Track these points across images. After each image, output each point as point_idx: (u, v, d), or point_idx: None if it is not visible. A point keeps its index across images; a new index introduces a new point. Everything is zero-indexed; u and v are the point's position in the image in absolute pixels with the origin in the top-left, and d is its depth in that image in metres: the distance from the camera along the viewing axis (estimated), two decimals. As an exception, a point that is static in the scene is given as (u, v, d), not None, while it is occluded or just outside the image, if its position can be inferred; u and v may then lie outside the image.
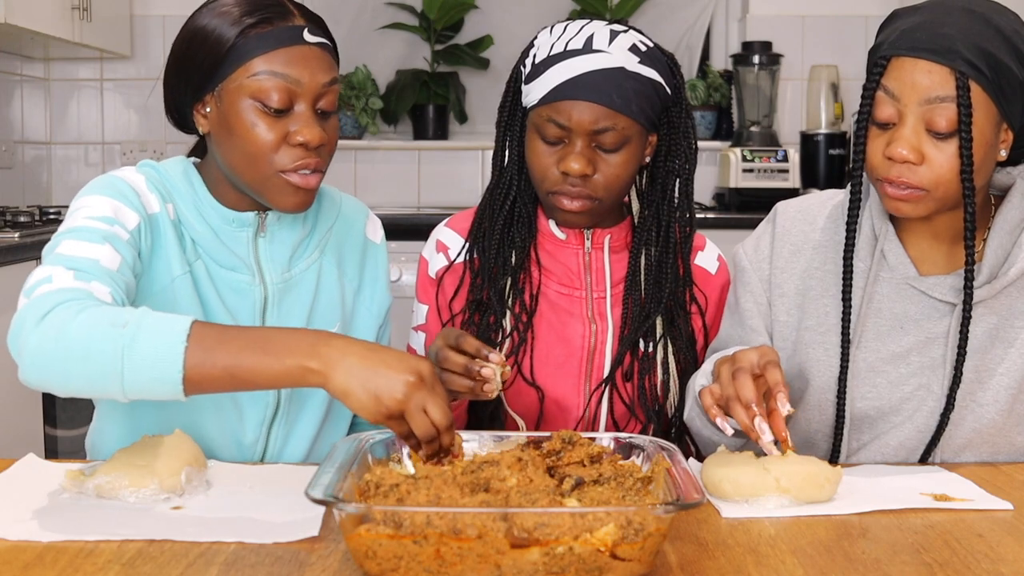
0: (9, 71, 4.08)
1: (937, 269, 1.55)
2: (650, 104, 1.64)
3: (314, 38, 1.49)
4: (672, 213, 1.72)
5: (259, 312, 1.57)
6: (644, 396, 1.69)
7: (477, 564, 1.04)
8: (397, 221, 3.65)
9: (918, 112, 1.42)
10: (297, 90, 1.46)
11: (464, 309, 1.73)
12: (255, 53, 1.46)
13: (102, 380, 1.23)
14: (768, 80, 4.14)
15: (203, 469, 1.39)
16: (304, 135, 1.46)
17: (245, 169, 1.49)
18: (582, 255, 1.73)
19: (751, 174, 3.94)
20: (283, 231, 1.59)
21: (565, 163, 1.62)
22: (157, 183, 1.54)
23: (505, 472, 1.18)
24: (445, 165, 4.34)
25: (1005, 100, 1.42)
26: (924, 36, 1.41)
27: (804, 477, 1.33)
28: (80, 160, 4.39)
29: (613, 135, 1.61)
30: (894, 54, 1.43)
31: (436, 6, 4.23)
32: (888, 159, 1.44)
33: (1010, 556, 1.18)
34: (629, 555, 1.05)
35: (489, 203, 1.75)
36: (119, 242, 1.42)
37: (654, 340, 1.70)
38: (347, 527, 1.07)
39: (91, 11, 3.74)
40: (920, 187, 1.43)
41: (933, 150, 1.42)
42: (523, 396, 1.69)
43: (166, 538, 1.18)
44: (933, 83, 1.40)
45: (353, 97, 4.23)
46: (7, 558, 1.13)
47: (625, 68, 1.61)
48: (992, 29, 1.41)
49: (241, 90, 1.46)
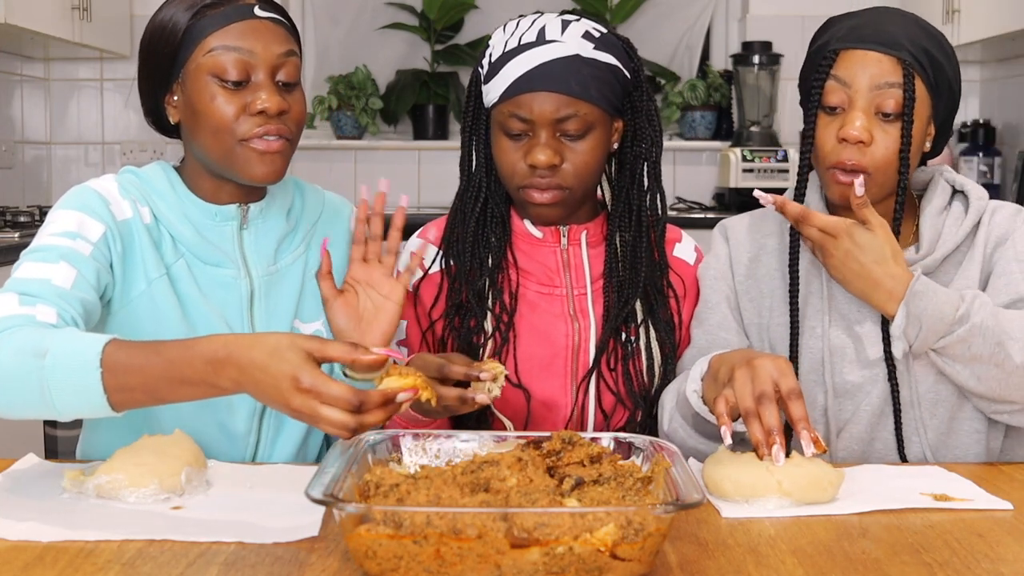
0: (9, 71, 4.08)
1: None
2: (610, 89, 1.65)
3: (265, 13, 1.54)
4: (643, 197, 1.72)
5: (246, 306, 1.59)
6: (630, 382, 1.69)
7: (477, 564, 1.04)
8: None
9: (868, 97, 1.56)
10: (252, 61, 1.50)
11: (444, 314, 1.72)
12: (208, 31, 1.51)
13: (36, 409, 1.28)
14: (768, 80, 4.14)
15: (203, 469, 1.39)
16: (261, 102, 1.50)
17: (212, 146, 1.52)
18: (559, 252, 1.73)
19: (751, 174, 3.94)
20: (267, 223, 1.61)
21: (532, 156, 1.63)
22: (134, 187, 1.57)
23: (505, 472, 1.18)
24: (445, 165, 4.34)
25: (937, 95, 1.59)
26: (871, 32, 1.58)
27: (807, 479, 1.33)
28: (80, 160, 4.39)
29: (576, 122, 1.62)
30: (843, 47, 1.58)
31: (436, 6, 4.24)
32: (841, 141, 1.57)
33: (1010, 556, 1.18)
34: (629, 555, 1.05)
35: (460, 208, 1.75)
36: (78, 257, 1.45)
37: (635, 324, 1.70)
38: (347, 527, 1.07)
39: (91, 11, 3.75)
40: (866, 170, 1.56)
41: (880, 132, 1.56)
42: (509, 398, 1.68)
43: (166, 538, 1.18)
44: (883, 70, 1.56)
45: (353, 97, 4.23)
46: (7, 558, 1.13)
47: (580, 55, 1.62)
48: (925, 31, 1.60)
49: (200, 69, 1.51)
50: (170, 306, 1.54)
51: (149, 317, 1.53)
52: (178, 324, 1.54)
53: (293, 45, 1.56)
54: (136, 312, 1.53)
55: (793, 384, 1.37)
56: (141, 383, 1.25)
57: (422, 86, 4.28)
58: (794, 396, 1.36)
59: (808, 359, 1.64)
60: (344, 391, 1.17)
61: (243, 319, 1.59)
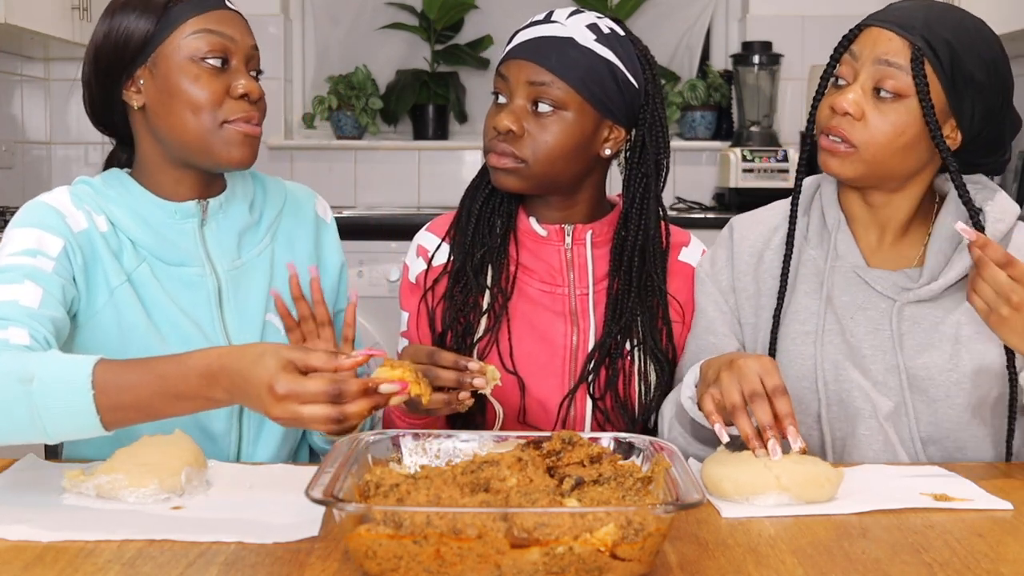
0: (9, 71, 4.08)
1: (884, 264, 1.63)
2: (599, 83, 1.64)
3: (232, 6, 1.59)
4: (649, 215, 1.71)
5: (215, 303, 1.59)
6: (619, 403, 1.68)
7: (477, 564, 1.04)
8: (397, 221, 3.65)
9: (870, 71, 1.54)
10: (232, 47, 1.54)
11: (444, 295, 1.72)
12: (187, 16, 1.53)
13: (26, 434, 1.28)
14: (768, 80, 4.14)
15: (203, 469, 1.39)
16: (245, 87, 1.53)
17: (189, 127, 1.52)
18: (563, 251, 1.73)
19: (751, 174, 3.94)
20: (228, 219, 1.62)
21: (496, 118, 1.66)
22: (88, 197, 1.56)
23: (505, 472, 1.18)
24: (445, 165, 4.34)
25: (956, 94, 1.52)
26: (896, 13, 1.55)
27: (805, 476, 1.33)
28: (80, 160, 4.39)
29: (545, 93, 1.63)
30: (866, 24, 1.57)
31: (436, 6, 4.23)
32: (831, 110, 1.55)
33: (1010, 556, 1.18)
34: (629, 555, 1.05)
35: (477, 184, 1.78)
36: (41, 275, 1.45)
37: (633, 341, 1.69)
38: (347, 527, 1.07)
39: (91, 11, 3.74)
40: (851, 142, 1.54)
41: (874, 112, 1.53)
42: (504, 389, 1.67)
43: (166, 538, 1.18)
44: (890, 49, 1.52)
45: (353, 97, 4.22)
46: (7, 558, 1.13)
47: (575, 39, 1.64)
48: (958, 25, 1.53)
49: (178, 51, 1.52)
50: (135, 313, 1.53)
51: (115, 326, 1.53)
52: (145, 331, 1.53)
53: (255, 39, 1.60)
54: (101, 323, 1.53)
55: (778, 381, 1.38)
56: (134, 401, 1.25)
57: (422, 86, 4.28)
58: (779, 393, 1.37)
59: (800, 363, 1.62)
60: (320, 384, 1.17)
61: (213, 317, 1.59)
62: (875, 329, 1.60)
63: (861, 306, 1.61)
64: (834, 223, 1.65)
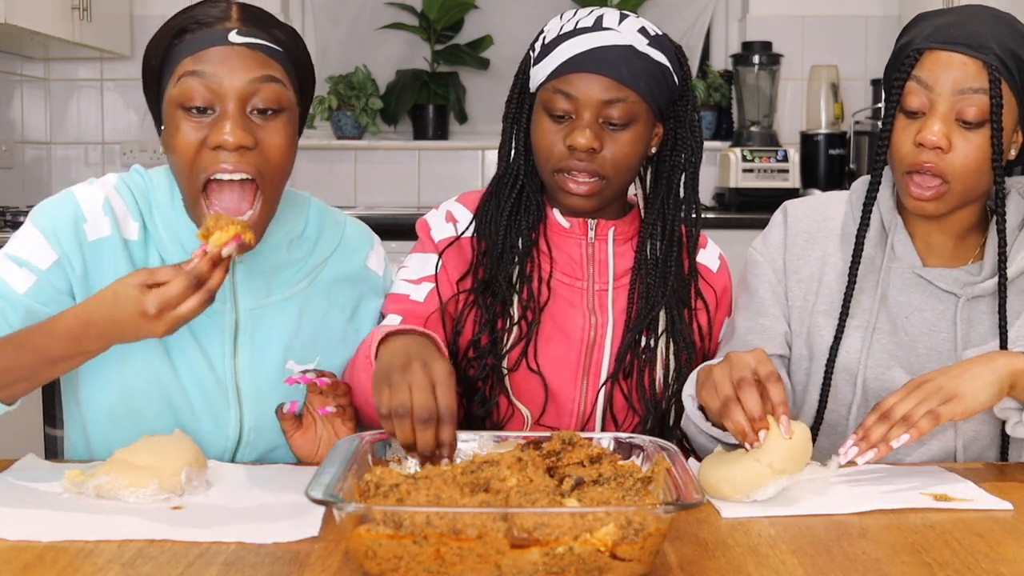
0: (9, 71, 4.08)
1: (943, 262, 1.62)
2: (658, 87, 1.64)
3: (241, 39, 1.42)
4: (678, 208, 1.71)
5: (230, 339, 1.52)
6: (643, 391, 1.68)
7: (477, 564, 1.04)
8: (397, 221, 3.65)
9: (950, 101, 1.50)
10: (217, 89, 1.40)
11: (471, 290, 1.69)
12: (180, 58, 1.43)
13: None
14: (768, 80, 4.14)
15: (203, 469, 1.39)
16: (219, 137, 1.39)
17: (180, 178, 1.45)
18: (585, 245, 1.72)
19: (751, 174, 3.94)
20: (261, 256, 1.52)
21: (572, 137, 1.61)
22: (137, 192, 1.51)
23: (505, 472, 1.18)
24: (445, 165, 4.34)
25: None
26: (958, 32, 1.51)
27: (792, 449, 1.34)
28: (80, 160, 4.38)
29: (621, 109, 1.60)
30: (928, 47, 1.52)
31: (436, 6, 4.23)
32: (919, 146, 1.51)
33: (1010, 556, 1.18)
34: (629, 555, 1.05)
35: (495, 193, 1.72)
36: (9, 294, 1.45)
37: (655, 335, 1.69)
38: (347, 527, 1.07)
39: (91, 11, 3.74)
40: (944, 177, 1.51)
41: (960, 140, 1.50)
42: (529, 385, 1.67)
43: (166, 538, 1.18)
44: (967, 74, 1.49)
45: (353, 97, 4.22)
46: (7, 558, 1.13)
47: (634, 47, 1.62)
48: (1018, 34, 1.52)
49: (171, 100, 1.43)
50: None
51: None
52: (155, 348, 1.48)
53: (274, 70, 1.44)
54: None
55: (771, 369, 1.38)
56: (18, 377, 1.38)
57: (422, 86, 4.28)
58: (772, 380, 1.37)
59: (844, 355, 1.62)
60: (181, 282, 1.28)
61: (224, 353, 1.52)
62: (931, 330, 1.60)
63: (917, 307, 1.61)
64: (891, 224, 1.63)
